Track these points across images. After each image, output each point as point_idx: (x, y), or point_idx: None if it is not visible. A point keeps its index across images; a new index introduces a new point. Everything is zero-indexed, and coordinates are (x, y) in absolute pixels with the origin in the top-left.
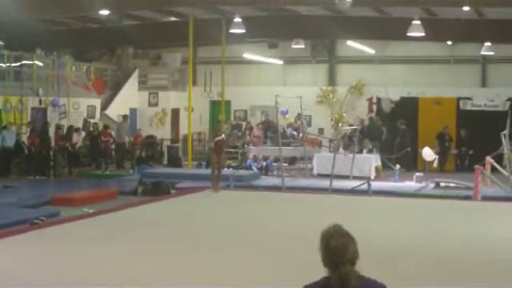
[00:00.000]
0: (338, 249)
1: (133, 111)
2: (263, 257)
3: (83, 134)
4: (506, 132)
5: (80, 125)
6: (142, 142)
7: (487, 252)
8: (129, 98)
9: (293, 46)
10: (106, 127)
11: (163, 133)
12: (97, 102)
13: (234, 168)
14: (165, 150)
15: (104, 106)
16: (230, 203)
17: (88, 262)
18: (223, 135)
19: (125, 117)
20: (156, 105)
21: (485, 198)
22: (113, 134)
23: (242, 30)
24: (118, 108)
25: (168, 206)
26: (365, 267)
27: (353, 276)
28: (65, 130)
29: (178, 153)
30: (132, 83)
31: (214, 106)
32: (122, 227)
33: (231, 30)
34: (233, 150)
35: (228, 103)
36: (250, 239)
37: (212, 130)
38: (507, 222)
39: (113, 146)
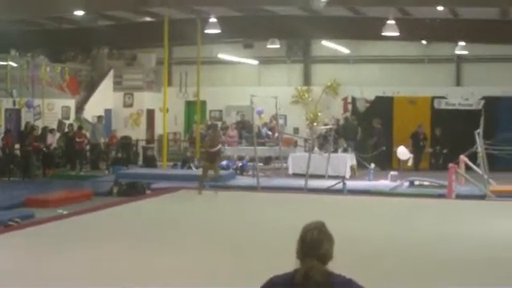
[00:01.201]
0: (311, 242)
1: (108, 112)
2: (238, 257)
3: (58, 134)
4: (479, 131)
5: (55, 126)
6: (117, 143)
7: (462, 250)
8: (104, 98)
9: (268, 46)
10: (80, 128)
11: (138, 133)
12: (71, 103)
13: None
14: (140, 150)
15: (79, 107)
16: (205, 203)
17: (63, 263)
18: (219, 146)
19: (99, 117)
20: (131, 105)
21: (459, 197)
22: (87, 134)
23: (218, 31)
24: (92, 109)
25: (143, 206)
26: (340, 266)
27: (317, 270)
28: (39, 131)
29: (154, 153)
30: (107, 84)
31: (190, 106)
32: (97, 228)
33: (206, 31)
34: None
35: (203, 103)
36: (225, 239)
37: (202, 140)
38: (481, 220)
39: (87, 147)
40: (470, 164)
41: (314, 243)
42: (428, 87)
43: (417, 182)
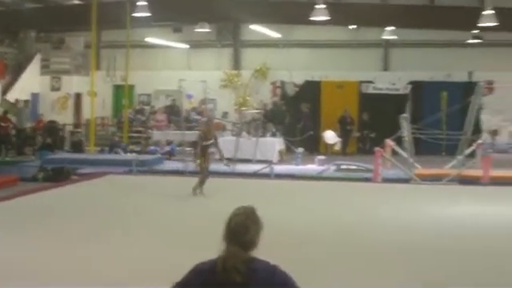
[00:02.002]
0: (236, 227)
1: (35, 96)
2: (163, 243)
3: None
4: (406, 115)
5: None
6: (44, 128)
7: (386, 234)
8: (30, 82)
9: (197, 30)
10: (5, 112)
11: (65, 118)
12: None
13: (137, 152)
14: (67, 135)
15: (4, 91)
16: (132, 188)
17: None
18: (213, 139)
19: (26, 102)
20: (58, 89)
21: (385, 180)
22: (13, 119)
23: (147, 14)
24: (19, 93)
25: (68, 191)
26: (265, 251)
27: (237, 257)
28: None
29: (81, 138)
30: (34, 67)
31: (118, 90)
32: (21, 214)
33: (135, 14)
34: (136, 134)
35: (132, 87)
36: (151, 225)
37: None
38: (406, 203)
39: (13, 132)
40: (396, 148)
41: (240, 229)
42: (356, 72)
43: (344, 166)
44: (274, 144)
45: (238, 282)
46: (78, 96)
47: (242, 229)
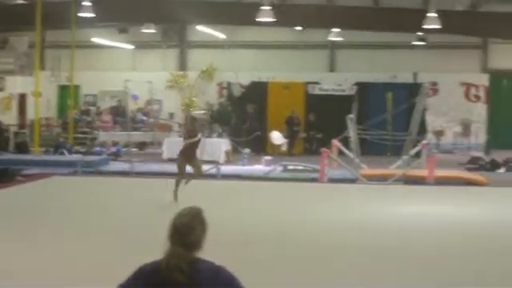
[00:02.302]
0: (180, 228)
1: None
2: (109, 245)
3: None
4: (352, 116)
5: None
6: None
7: (331, 234)
8: None
9: (143, 31)
10: None
11: (9, 118)
12: None
13: (83, 153)
14: (11, 135)
15: None
16: (77, 190)
17: None
18: (199, 135)
19: None
20: (2, 89)
21: (331, 180)
22: None
23: (92, 14)
24: None
25: (13, 193)
26: (210, 252)
27: (181, 258)
28: None
29: (25, 139)
30: None
31: (63, 90)
32: None
33: (80, 14)
34: (81, 135)
35: (77, 88)
36: (97, 227)
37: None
38: (352, 203)
39: None
40: (343, 148)
41: (184, 229)
42: (302, 73)
43: (290, 167)
44: (221, 145)
45: (181, 281)
46: (23, 96)
47: (187, 229)
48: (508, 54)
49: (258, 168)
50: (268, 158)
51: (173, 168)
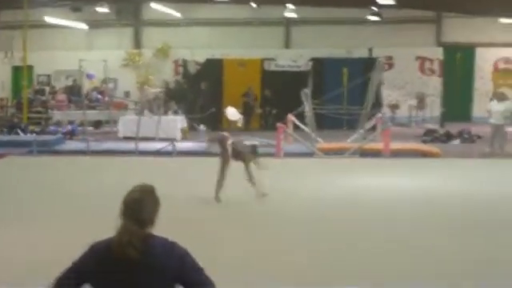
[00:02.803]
0: (131, 203)
1: None
2: (67, 223)
3: None
4: (307, 90)
5: None
6: None
7: (289, 207)
8: None
9: (97, 10)
10: None
11: None
12: None
13: (38, 133)
14: None
15: None
16: (33, 169)
17: None
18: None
19: None
20: None
21: (288, 155)
22: None
23: None
24: None
25: None
26: (167, 226)
27: (132, 233)
28: None
29: None
30: None
31: (17, 71)
32: None
33: None
34: (36, 115)
35: (31, 68)
36: (54, 206)
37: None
38: (309, 177)
39: None
40: (298, 123)
41: (134, 205)
42: (258, 49)
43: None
44: (177, 122)
45: (134, 258)
46: None
47: (138, 206)
48: (461, 28)
49: None
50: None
51: (129, 146)
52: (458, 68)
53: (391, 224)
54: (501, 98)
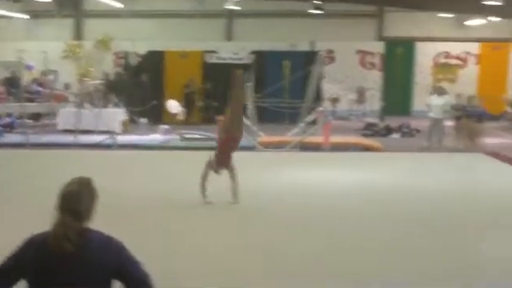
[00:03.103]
0: (68, 196)
1: None
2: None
3: None
4: (248, 84)
5: None
6: None
7: (226, 201)
8: None
9: (37, 0)
10: None
11: None
12: None
13: None
14: None
15: None
16: None
17: None
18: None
19: None
20: None
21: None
22: None
23: None
24: None
25: None
26: (104, 221)
27: (68, 226)
28: None
29: None
30: None
31: None
32: None
33: None
34: None
35: None
36: None
37: None
38: (249, 170)
39: None
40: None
41: (71, 197)
42: (200, 42)
43: (187, 136)
44: (117, 115)
45: (70, 251)
46: None
47: (75, 198)
48: (402, 22)
49: (155, 137)
50: (165, 127)
51: (68, 139)
52: (398, 62)
53: (331, 218)
54: (440, 92)
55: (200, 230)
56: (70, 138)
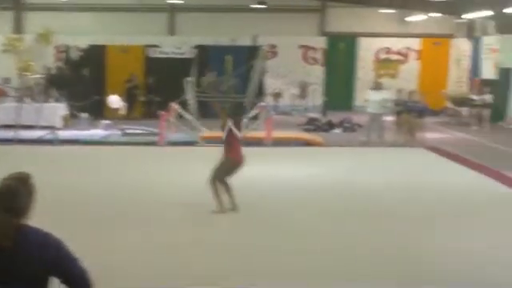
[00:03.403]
0: (5, 193)
1: None
2: None
3: None
4: (190, 78)
5: None
6: None
7: (170, 194)
8: None
9: None
10: None
11: None
12: None
13: None
14: None
15: None
16: None
17: None
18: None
19: None
20: None
21: (170, 143)
22: None
23: None
24: None
25: None
26: (46, 215)
27: (4, 223)
28: None
29: None
30: None
31: None
32: None
33: None
34: None
35: None
36: None
37: None
38: (191, 165)
39: None
40: (182, 111)
41: (9, 195)
42: (142, 36)
43: (129, 131)
44: (58, 109)
45: (7, 247)
46: None
47: (12, 194)
48: (344, 18)
49: (97, 132)
50: (106, 122)
51: (8, 134)
52: (340, 57)
53: (274, 212)
54: (377, 87)
55: (128, 223)
56: (9, 134)
